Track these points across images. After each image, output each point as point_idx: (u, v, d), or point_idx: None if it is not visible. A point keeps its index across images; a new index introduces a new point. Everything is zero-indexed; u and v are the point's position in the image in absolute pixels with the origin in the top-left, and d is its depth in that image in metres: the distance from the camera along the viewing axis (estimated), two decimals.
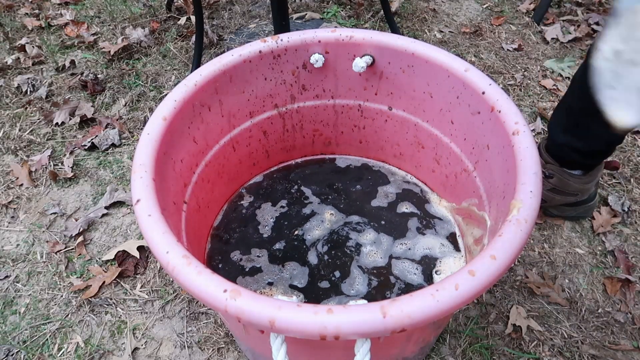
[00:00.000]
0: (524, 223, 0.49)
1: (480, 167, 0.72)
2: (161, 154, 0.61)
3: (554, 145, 0.91)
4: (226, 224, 0.86)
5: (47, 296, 0.90)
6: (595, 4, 1.64)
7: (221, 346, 0.82)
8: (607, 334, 0.84)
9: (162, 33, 1.53)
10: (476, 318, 0.85)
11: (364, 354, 0.45)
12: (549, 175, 0.93)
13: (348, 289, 0.76)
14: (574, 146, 0.86)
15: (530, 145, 0.57)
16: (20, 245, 0.99)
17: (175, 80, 1.37)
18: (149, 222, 0.51)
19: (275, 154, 0.93)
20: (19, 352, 0.83)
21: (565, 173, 0.91)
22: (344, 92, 0.85)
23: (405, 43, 0.73)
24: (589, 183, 0.92)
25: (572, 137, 0.86)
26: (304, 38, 0.76)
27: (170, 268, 0.47)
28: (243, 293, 0.43)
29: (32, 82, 1.35)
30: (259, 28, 1.55)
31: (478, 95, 0.67)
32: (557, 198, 0.95)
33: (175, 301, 0.89)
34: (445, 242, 0.82)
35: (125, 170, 1.13)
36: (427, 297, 0.43)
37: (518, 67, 1.40)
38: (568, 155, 0.89)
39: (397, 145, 0.90)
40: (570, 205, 0.97)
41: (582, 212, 0.98)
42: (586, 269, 0.93)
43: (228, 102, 0.77)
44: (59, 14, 1.64)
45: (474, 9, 1.65)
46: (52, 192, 1.09)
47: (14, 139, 1.21)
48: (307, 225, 0.85)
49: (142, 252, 0.96)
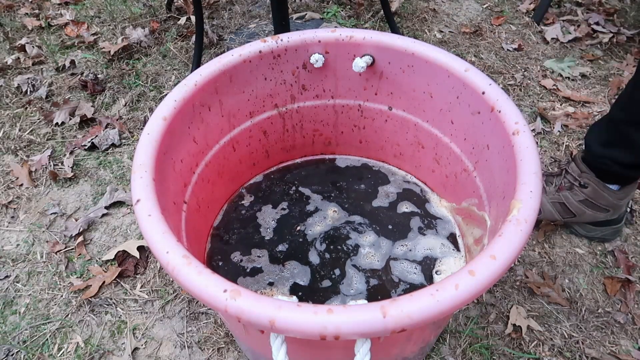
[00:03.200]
0: (524, 223, 0.49)
1: (480, 167, 0.72)
2: (161, 154, 0.61)
3: (593, 157, 0.88)
4: (226, 224, 0.86)
5: (47, 296, 0.90)
6: (595, 4, 1.64)
7: (221, 346, 0.82)
8: (607, 334, 0.84)
9: (162, 33, 1.53)
10: (476, 318, 0.85)
11: (364, 354, 0.45)
12: (584, 185, 0.90)
13: (347, 289, 0.76)
14: (615, 157, 0.84)
15: (530, 145, 0.57)
16: (20, 245, 0.99)
17: (175, 80, 1.37)
18: (149, 222, 0.51)
19: (275, 154, 0.93)
20: (19, 352, 0.83)
21: (601, 184, 0.88)
22: (344, 92, 0.85)
23: (405, 43, 0.73)
24: (623, 199, 0.90)
25: (614, 149, 0.84)
26: (304, 38, 0.76)
27: (170, 268, 0.47)
28: (243, 293, 0.43)
29: (32, 82, 1.35)
30: (259, 28, 1.55)
31: (478, 95, 0.67)
32: (588, 213, 0.92)
33: (175, 301, 0.89)
34: (445, 242, 0.82)
35: (125, 170, 1.13)
36: (427, 297, 0.43)
37: (518, 67, 1.40)
38: (608, 166, 0.86)
39: (397, 145, 0.90)
40: (598, 225, 0.94)
41: (609, 233, 0.95)
42: (586, 269, 0.93)
43: (228, 102, 0.77)
44: (59, 14, 1.64)
45: (474, 9, 1.65)
46: (52, 192, 1.09)
47: (14, 139, 1.21)
48: (309, 221, 0.86)
49: (142, 252, 0.96)
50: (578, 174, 0.90)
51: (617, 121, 0.82)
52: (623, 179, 0.87)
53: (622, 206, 0.91)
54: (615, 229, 0.95)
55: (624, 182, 0.88)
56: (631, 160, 0.83)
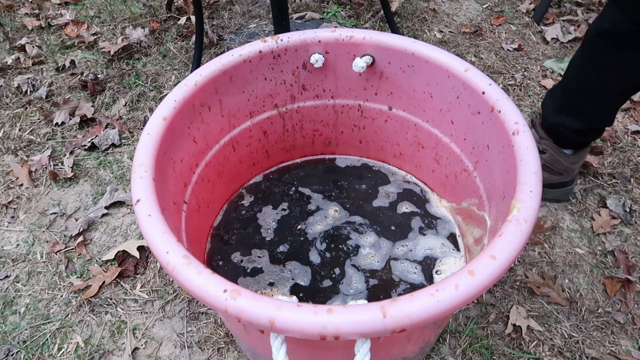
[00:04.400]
0: (524, 223, 0.49)
1: (480, 167, 0.72)
2: (161, 154, 0.61)
3: (548, 123, 0.94)
4: (226, 224, 0.86)
5: (47, 296, 0.90)
6: (595, 4, 1.64)
7: (221, 346, 0.82)
8: (607, 334, 0.84)
9: (162, 33, 1.53)
10: (476, 318, 0.85)
11: (364, 354, 0.45)
12: (542, 151, 0.96)
13: (347, 289, 0.76)
14: (567, 124, 0.89)
15: (530, 145, 0.57)
16: (20, 245, 0.99)
17: (175, 80, 1.37)
18: (149, 222, 0.51)
19: (275, 154, 0.93)
20: (19, 352, 0.83)
21: (557, 150, 0.94)
22: (344, 92, 0.85)
23: (405, 43, 0.73)
24: (576, 163, 0.95)
25: (566, 116, 0.89)
26: (304, 38, 0.76)
27: (170, 268, 0.47)
28: (243, 293, 0.43)
29: (32, 82, 1.35)
30: (259, 28, 1.55)
31: (478, 95, 0.67)
32: (544, 176, 0.97)
33: (175, 301, 0.89)
34: (445, 242, 0.82)
35: (125, 170, 1.13)
36: (427, 297, 0.43)
37: (518, 67, 1.40)
38: (561, 132, 0.92)
39: (397, 145, 0.90)
40: (552, 187, 1.00)
41: (562, 195, 1.01)
42: (586, 269, 0.93)
43: (228, 102, 0.77)
44: (59, 14, 1.64)
45: (474, 9, 1.65)
46: (52, 192, 1.09)
47: (14, 139, 1.21)
48: (310, 220, 0.86)
49: (142, 252, 0.96)
50: (537, 140, 0.95)
51: (568, 89, 0.89)
52: (577, 143, 0.93)
53: (575, 169, 0.97)
54: (567, 190, 1.01)
55: (578, 147, 0.94)
56: (581, 127, 0.89)
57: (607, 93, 0.83)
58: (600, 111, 0.86)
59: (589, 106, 0.86)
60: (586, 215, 1.01)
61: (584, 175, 1.09)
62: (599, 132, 0.91)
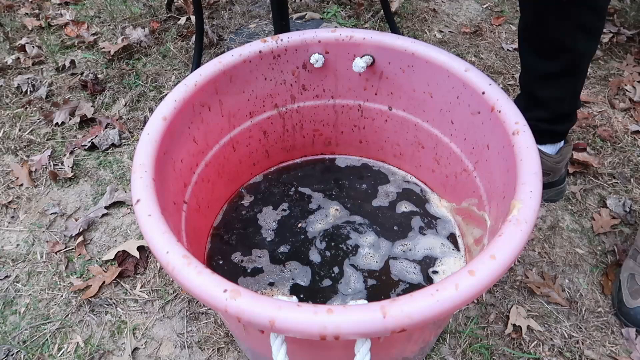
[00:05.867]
0: (524, 223, 0.49)
1: (480, 167, 0.72)
2: (161, 154, 0.61)
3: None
4: (226, 224, 0.86)
5: (47, 296, 0.90)
6: None
7: (221, 346, 0.82)
8: (607, 334, 0.84)
9: (162, 33, 1.53)
10: (476, 318, 0.85)
11: (364, 354, 0.45)
12: None
13: (345, 288, 0.76)
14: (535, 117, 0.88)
15: (530, 145, 0.57)
16: (20, 245, 0.99)
17: (175, 80, 1.37)
18: (149, 222, 0.51)
19: (275, 154, 0.93)
20: (19, 352, 0.83)
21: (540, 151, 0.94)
22: (344, 92, 0.85)
23: (405, 43, 0.73)
24: (560, 162, 0.96)
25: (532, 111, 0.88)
26: (304, 38, 0.76)
27: (170, 268, 0.47)
28: (243, 293, 0.43)
29: (32, 82, 1.35)
30: (259, 28, 1.55)
31: (478, 95, 0.67)
32: None
33: (175, 301, 0.89)
34: (445, 242, 0.82)
35: (125, 170, 1.13)
36: (427, 297, 0.43)
37: (518, 67, 1.39)
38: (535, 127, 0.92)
39: (397, 145, 0.90)
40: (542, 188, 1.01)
41: (554, 195, 1.02)
42: (586, 269, 0.93)
43: (228, 102, 0.77)
44: (59, 14, 1.64)
45: (474, 9, 1.65)
46: (52, 192, 1.09)
47: (14, 139, 1.21)
48: (311, 218, 0.86)
49: (142, 252, 0.96)
50: None
51: (523, 84, 0.91)
52: (552, 134, 0.93)
53: (560, 169, 0.98)
54: (559, 190, 1.02)
55: (555, 139, 0.94)
56: (546, 115, 0.89)
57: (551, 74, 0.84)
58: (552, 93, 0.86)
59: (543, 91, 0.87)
60: (586, 215, 1.01)
61: (584, 175, 1.09)
62: (568, 117, 0.91)
